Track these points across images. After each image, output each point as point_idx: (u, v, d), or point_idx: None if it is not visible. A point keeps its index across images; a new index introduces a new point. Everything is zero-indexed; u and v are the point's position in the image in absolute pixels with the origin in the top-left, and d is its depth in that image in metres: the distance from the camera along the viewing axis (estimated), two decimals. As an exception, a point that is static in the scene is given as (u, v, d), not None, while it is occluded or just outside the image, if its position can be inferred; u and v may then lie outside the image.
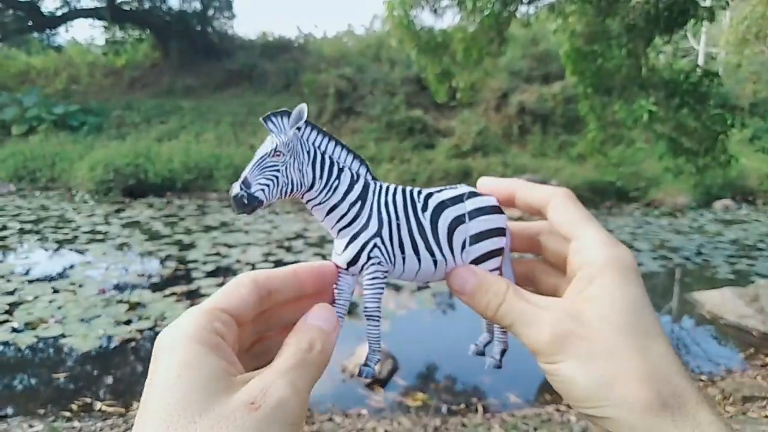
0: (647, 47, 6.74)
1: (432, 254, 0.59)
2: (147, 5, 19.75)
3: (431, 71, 8.21)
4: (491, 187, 0.63)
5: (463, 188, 0.62)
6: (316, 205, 0.59)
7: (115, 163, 11.98)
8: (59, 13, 19.13)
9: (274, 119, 0.57)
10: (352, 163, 0.60)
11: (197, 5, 20.33)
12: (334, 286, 0.60)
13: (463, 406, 3.71)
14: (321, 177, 0.58)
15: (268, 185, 0.55)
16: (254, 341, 0.58)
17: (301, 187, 0.57)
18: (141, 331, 4.70)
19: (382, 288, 0.59)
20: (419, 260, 0.59)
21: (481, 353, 0.67)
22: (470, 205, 0.60)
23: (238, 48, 19.97)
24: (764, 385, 3.96)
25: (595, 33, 6.83)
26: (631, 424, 0.44)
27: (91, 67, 19.41)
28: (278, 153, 0.56)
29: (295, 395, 0.44)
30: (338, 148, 0.60)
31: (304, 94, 15.87)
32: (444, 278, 0.61)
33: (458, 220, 0.59)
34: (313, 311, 0.54)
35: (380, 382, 3.95)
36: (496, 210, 0.61)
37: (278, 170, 0.56)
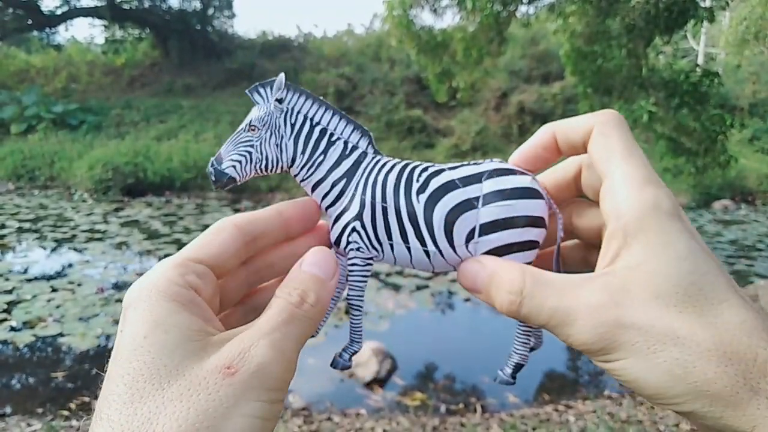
0: (647, 47, 6.74)
1: (423, 243, 0.51)
2: (147, 4, 19.73)
3: (431, 71, 8.22)
4: (525, 150, 0.52)
5: (488, 164, 0.52)
6: (301, 181, 0.54)
7: (114, 162, 11.97)
8: (59, 11, 19.10)
9: (260, 90, 0.53)
10: (350, 135, 0.54)
11: (197, 4, 20.32)
12: None
13: (461, 405, 3.71)
14: (303, 152, 0.53)
15: (240, 161, 0.52)
16: (246, 294, 0.53)
17: (278, 163, 0.53)
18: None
19: (365, 276, 0.53)
20: (408, 249, 0.51)
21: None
22: (489, 186, 0.50)
23: (238, 47, 19.96)
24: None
25: (595, 33, 6.83)
26: (717, 416, 0.37)
27: (91, 65, 19.39)
28: (253, 127, 0.52)
29: (279, 357, 0.40)
30: (335, 119, 0.54)
31: (303, 94, 15.86)
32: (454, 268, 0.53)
33: (465, 206, 0.50)
34: (308, 256, 0.47)
35: (379, 382, 3.95)
36: (526, 193, 0.50)
37: (251, 145, 0.52)
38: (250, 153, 0.52)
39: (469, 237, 0.50)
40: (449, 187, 0.51)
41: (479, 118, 15.28)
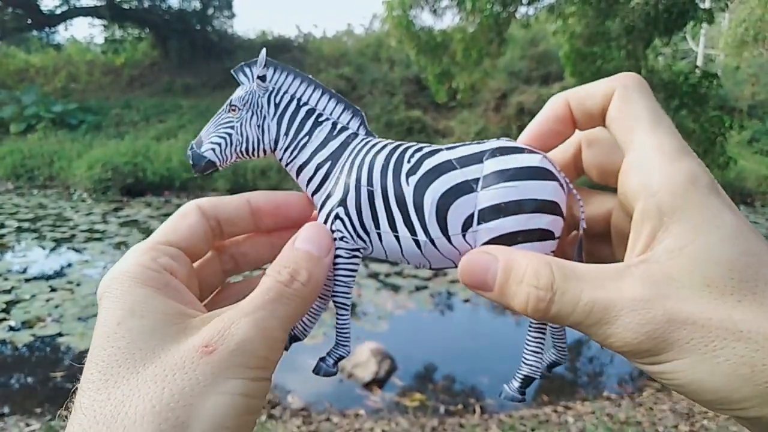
0: (646, 49, 6.74)
1: (413, 232, 0.45)
2: (146, 4, 19.72)
3: (431, 71, 8.22)
4: (535, 126, 0.46)
5: (492, 143, 0.46)
6: (286, 165, 0.50)
7: (114, 162, 11.96)
8: (59, 11, 19.09)
9: (246, 70, 0.51)
10: (340, 115, 0.50)
11: (197, 4, 20.32)
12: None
13: (460, 406, 3.71)
14: (287, 133, 0.50)
15: (219, 144, 0.49)
16: (225, 282, 0.51)
17: (260, 145, 0.49)
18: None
19: (351, 270, 0.48)
20: (397, 239, 0.46)
21: (546, 372, 0.50)
22: (491, 166, 0.44)
23: (238, 47, 19.95)
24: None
25: (594, 34, 6.84)
26: None
27: (90, 65, 19.37)
28: (233, 107, 0.49)
29: (261, 335, 0.38)
30: (324, 98, 0.51)
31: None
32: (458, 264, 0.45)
33: (462, 188, 0.44)
34: (302, 232, 0.45)
35: (378, 383, 3.95)
36: (535, 173, 0.43)
37: (232, 126, 0.49)
38: (230, 135, 0.49)
39: (467, 224, 0.44)
40: (444, 168, 0.44)
41: (479, 119, 15.29)
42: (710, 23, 6.31)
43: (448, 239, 0.44)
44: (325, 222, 0.47)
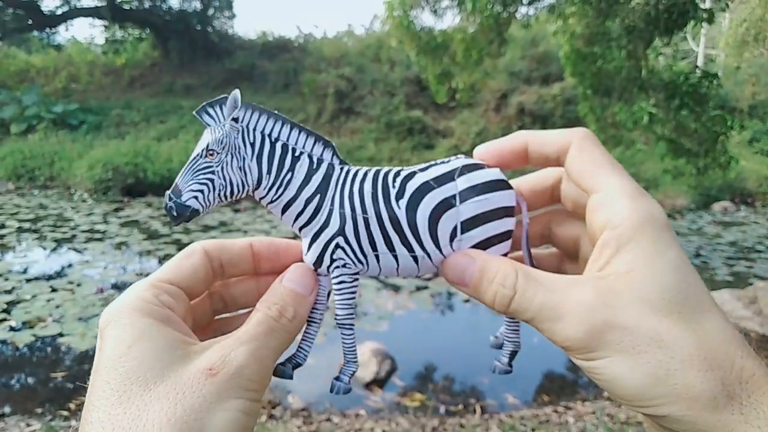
0: (647, 49, 6.74)
1: (410, 249, 0.49)
2: (147, 5, 19.74)
3: (431, 72, 8.22)
4: (495, 150, 0.52)
5: (456, 162, 0.52)
6: (269, 203, 0.51)
7: (114, 162, 11.97)
8: (59, 11, 19.12)
9: (210, 111, 0.49)
10: (313, 147, 0.51)
11: (197, 5, 20.34)
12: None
13: (461, 406, 3.71)
14: (269, 172, 0.50)
15: (201, 191, 0.47)
16: (212, 320, 0.54)
17: (244, 188, 0.49)
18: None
19: (352, 293, 0.51)
20: (395, 257, 0.50)
21: (500, 346, 0.58)
22: (463, 183, 0.50)
23: (238, 48, 19.97)
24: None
25: (594, 34, 6.84)
26: (692, 421, 0.38)
27: (91, 66, 19.39)
28: (211, 152, 0.48)
29: (257, 363, 0.43)
30: (294, 132, 0.51)
31: (303, 94, 15.89)
32: (438, 272, 0.52)
33: (445, 205, 0.49)
34: (288, 272, 0.49)
35: (378, 383, 3.95)
36: (498, 185, 0.50)
37: (212, 172, 0.48)
38: (212, 180, 0.48)
39: (452, 236, 0.49)
40: (425, 188, 0.50)
41: (479, 119, 15.29)
42: (711, 23, 6.30)
43: (440, 251, 0.50)
44: (323, 252, 0.50)
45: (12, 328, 4.70)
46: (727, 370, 0.38)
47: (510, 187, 0.51)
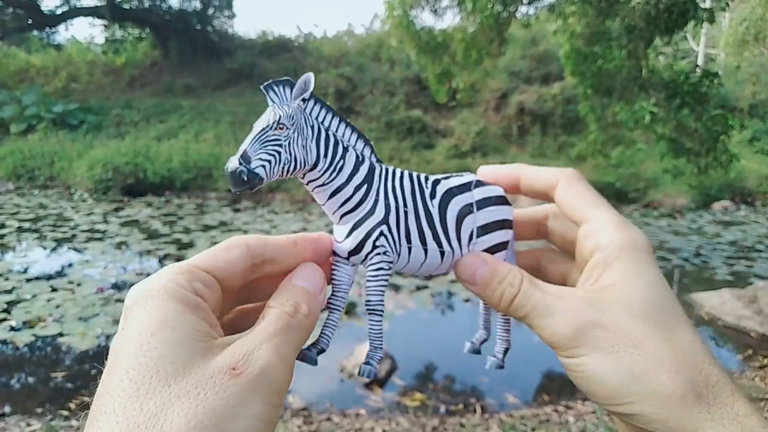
0: (647, 48, 6.74)
1: (440, 245, 0.54)
2: (147, 4, 19.73)
3: (431, 71, 8.22)
4: (494, 174, 0.59)
5: (469, 176, 0.58)
6: (318, 186, 0.53)
7: (114, 162, 11.97)
8: (59, 11, 19.11)
9: (275, 89, 0.51)
10: (356, 143, 0.55)
11: (197, 4, 20.32)
12: (332, 275, 0.54)
13: (461, 406, 3.71)
14: (326, 156, 0.52)
15: (270, 161, 0.49)
16: (235, 312, 0.53)
17: (304, 166, 0.51)
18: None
19: (387, 280, 0.54)
20: (426, 251, 0.54)
21: (477, 351, 0.64)
22: (478, 194, 0.57)
23: (238, 47, 19.96)
24: (762, 387, 3.96)
25: (595, 34, 6.84)
26: (663, 419, 0.41)
27: (91, 65, 19.39)
28: (281, 126, 0.49)
29: (281, 362, 0.41)
30: (342, 126, 0.54)
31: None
32: (447, 271, 0.57)
33: (467, 210, 0.55)
34: (298, 271, 0.49)
35: (379, 382, 3.95)
36: (502, 201, 0.58)
37: (281, 145, 0.49)
38: (279, 153, 0.49)
39: (470, 238, 0.55)
40: (452, 193, 0.56)
41: (479, 119, 15.29)
42: (711, 22, 6.30)
43: (461, 249, 0.55)
44: (365, 239, 0.52)
45: (12, 328, 4.70)
46: (696, 373, 0.42)
47: (509, 204, 0.58)
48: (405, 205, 0.53)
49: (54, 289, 5.62)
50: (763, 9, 11.94)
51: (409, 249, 0.53)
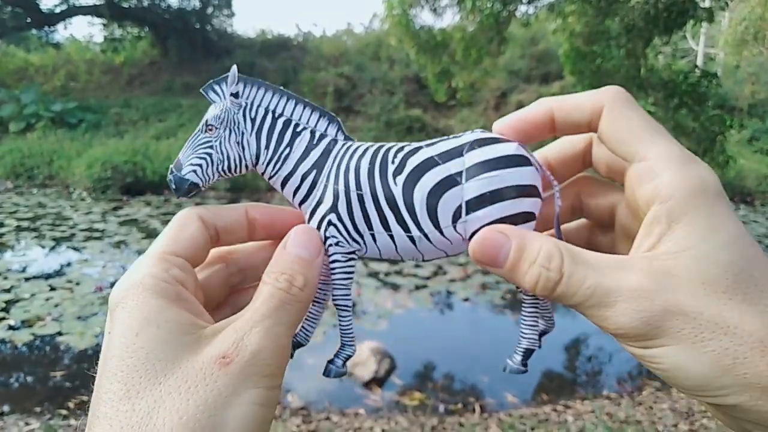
0: (646, 48, 6.74)
1: (407, 229, 0.47)
2: (146, 3, 19.69)
3: (430, 70, 8.21)
4: (514, 123, 0.48)
5: (468, 135, 0.48)
6: (269, 179, 0.51)
7: (113, 161, 11.95)
8: (58, 10, 19.07)
9: (216, 88, 0.50)
10: (317, 123, 0.51)
11: (196, 3, 20.29)
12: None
13: (460, 405, 3.71)
14: (267, 147, 0.50)
15: (200, 165, 0.48)
16: (228, 294, 0.52)
17: (242, 162, 0.50)
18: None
19: (348, 273, 0.49)
20: (392, 237, 0.48)
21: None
22: (471, 158, 0.46)
23: (237, 46, 19.94)
24: None
25: (594, 33, 6.83)
26: (765, 409, 0.35)
27: (90, 64, 19.35)
28: (210, 127, 0.49)
29: (273, 344, 0.40)
30: (299, 108, 0.51)
31: (303, 93, 15.88)
32: (453, 252, 0.49)
33: (447, 183, 0.46)
34: (291, 236, 0.46)
35: (378, 382, 3.95)
36: (513, 161, 0.46)
37: (211, 146, 0.49)
38: (210, 155, 0.49)
39: (456, 216, 0.46)
40: (428, 165, 0.47)
41: (479, 118, 15.29)
42: (710, 22, 6.30)
43: (440, 232, 0.47)
44: (318, 229, 0.49)
45: (11, 327, 4.70)
46: None
47: (529, 164, 0.47)
48: (359, 188, 0.48)
49: (53, 288, 5.61)
50: (762, 9, 11.94)
51: (373, 236, 0.48)
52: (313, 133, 0.51)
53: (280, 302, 0.42)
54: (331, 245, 0.49)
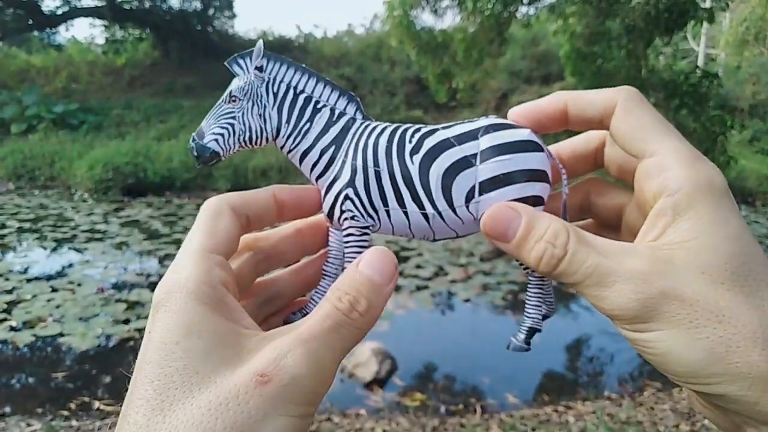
0: (647, 48, 6.74)
1: (421, 206, 0.49)
2: (147, 4, 19.73)
3: (431, 72, 8.21)
4: (529, 112, 0.49)
5: (483, 120, 0.50)
6: (288, 152, 0.52)
7: (115, 162, 11.97)
8: (60, 11, 19.11)
9: (240, 61, 0.52)
10: (337, 101, 0.53)
11: (197, 4, 20.32)
12: (327, 240, 0.53)
13: (461, 406, 3.71)
14: (288, 121, 0.51)
15: (222, 134, 0.50)
16: (254, 282, 0.52)
17: (263, 134, 0.51)
18: (139, 330, 4.70)
19: (363, 247, 0.50)
20: (406, 214, 0.49)
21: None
22: (486, 142, 0.48)
23: (239, 47, 19.70)
24: None
25: (595, 34, 6.83)
26: (752, 401, 0.35)
27: (91, 65, 19.37)
28: (234, 98, 0.50)
29: (315, 369, 0.37)
30: (320, 86, 0.53)
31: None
32: (463, 233, 0.50)
33: (462, 164, 0.48)
34: (366, 255, 0.42)
35: (379, 382, 3.95)
36: (525, 146, 0.48)
37: (234, 117, 0.50)
38: (232, 125, 0.50)
39: (469, 196, 0.48)
40: (444, 145, 0.49)
41: (479, 119, 15.31)
42: (711, 23, 6.30)
43: (454, 211, 0.48)
44: (334, 203, 0.50)
45: (12, 328, 4.70)
46: None
47: (540, 150, 0.49)
48: (376, 165, 0.49)
49: (54, 290, 5.62)
50: (763, 9, 11.94)
51: (387, 212, 0.49)
52: (333, 110, 0.53)
53: (336, 324, 0.39)
54: (346, 219, 0.50)
